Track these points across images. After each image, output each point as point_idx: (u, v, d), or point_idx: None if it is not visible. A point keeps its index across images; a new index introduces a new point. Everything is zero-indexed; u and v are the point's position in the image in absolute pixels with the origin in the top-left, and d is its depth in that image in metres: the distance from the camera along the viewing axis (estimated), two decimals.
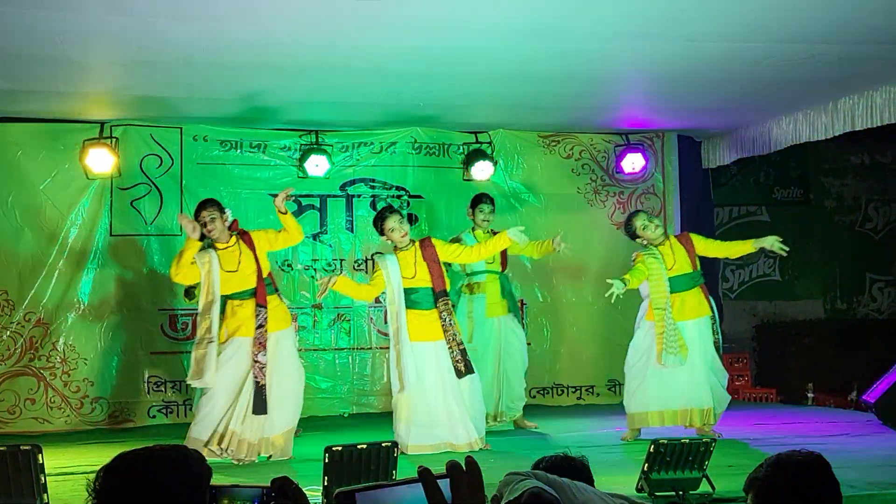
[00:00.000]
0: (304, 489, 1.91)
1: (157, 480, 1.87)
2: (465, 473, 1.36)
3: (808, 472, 2.29)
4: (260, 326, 6.41)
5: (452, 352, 6.76)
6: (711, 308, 7.21)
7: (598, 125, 9.55)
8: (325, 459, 4.92)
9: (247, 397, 6.35)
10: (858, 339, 9.91)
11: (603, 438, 7.42)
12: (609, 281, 7.01)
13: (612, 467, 5.77)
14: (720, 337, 7.25)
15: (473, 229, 7.80)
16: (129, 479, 1.87)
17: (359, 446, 5.05)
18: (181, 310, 8.72)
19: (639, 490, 5.07)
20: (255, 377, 6.33)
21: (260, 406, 6.30)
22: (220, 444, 6.28)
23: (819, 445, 6.19)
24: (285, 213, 6.58)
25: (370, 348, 9.17)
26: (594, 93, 8.06)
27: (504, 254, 7.77)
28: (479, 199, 7.90)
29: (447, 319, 6.79)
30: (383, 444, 5.07)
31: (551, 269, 9.22)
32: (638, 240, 7.28)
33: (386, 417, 8.72)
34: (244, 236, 6.60)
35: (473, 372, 6.82)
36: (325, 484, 4.89)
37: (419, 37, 6.34)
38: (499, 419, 7.84)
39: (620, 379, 9.60)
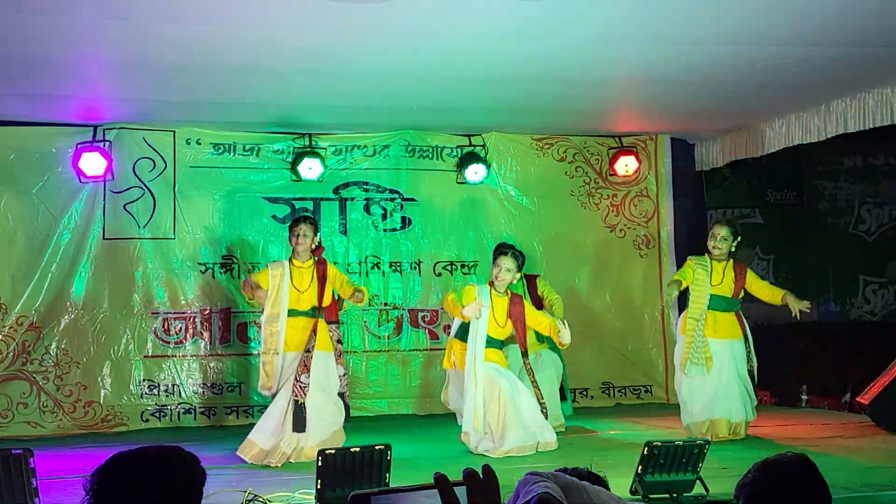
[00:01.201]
0: (296, 493, 1.90)
1: (152, 480, 1.87)
2: (481, 481, 1.35)
3: (795, 474, 2.28)
4: (308, 350, 6.58)
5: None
6: (746, 335, 7.27)
7: (591, 128, 9.56)
8: (318, 463, 4.92)
9: (289, 412, 6.53)
10: (852, 342, 9.91)
11: (597, 441, 7.42)
12: (666, 293, 7.05)
13: (606, 470, 5.75)
14: (756, 364, 7.24)
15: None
16: (124, 479, 1.87)
17: (352, 449, 5.05)
18: (174, 313, 8.71)
19: (632, 492, 5.06)
20: (295, 395, 6.49)
21: (300, 424, 6.48)
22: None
23: (813, 447, 6.23)
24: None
25: (364, 352, 9.15)
26: (587, 95, 8.05)
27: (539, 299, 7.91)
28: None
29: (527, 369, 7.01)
30: (376, 447, 5.06)
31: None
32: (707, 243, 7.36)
33: (379, 421, 8.72)
34: (321, 265, 6.82)
35: None
36: (319, 487, 4.89)
37: (413, 40, 6.33)
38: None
39: (614, 382, 9.66)
